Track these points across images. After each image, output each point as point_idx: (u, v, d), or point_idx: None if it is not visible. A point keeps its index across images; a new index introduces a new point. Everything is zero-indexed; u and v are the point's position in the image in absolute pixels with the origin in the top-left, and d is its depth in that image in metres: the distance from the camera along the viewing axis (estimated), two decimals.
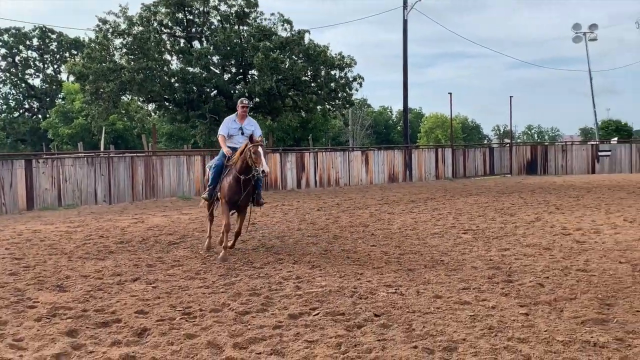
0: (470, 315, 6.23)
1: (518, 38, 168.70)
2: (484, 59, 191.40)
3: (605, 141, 39.74)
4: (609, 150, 34.80)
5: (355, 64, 32.92)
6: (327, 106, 34.89)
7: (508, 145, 37.54)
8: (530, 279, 7.87)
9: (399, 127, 78.53)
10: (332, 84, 32.63)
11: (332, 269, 8.80)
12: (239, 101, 10.32)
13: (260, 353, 5.25)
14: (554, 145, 38.10)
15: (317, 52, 31.65)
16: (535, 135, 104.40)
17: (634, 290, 7.22)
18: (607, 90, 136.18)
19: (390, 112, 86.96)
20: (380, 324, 6.00)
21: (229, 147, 10.05)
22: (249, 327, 5.99)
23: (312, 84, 33.13)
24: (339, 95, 33.49)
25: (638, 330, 5.68)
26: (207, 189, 10.27)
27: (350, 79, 33.13)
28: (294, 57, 32.01)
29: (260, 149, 9.27)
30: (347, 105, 36.58)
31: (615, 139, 41.82)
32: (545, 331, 5.67)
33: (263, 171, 9.21)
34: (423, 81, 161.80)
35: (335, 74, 32.87)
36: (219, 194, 10.01)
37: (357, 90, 34.03)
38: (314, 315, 6.36)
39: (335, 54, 32.61)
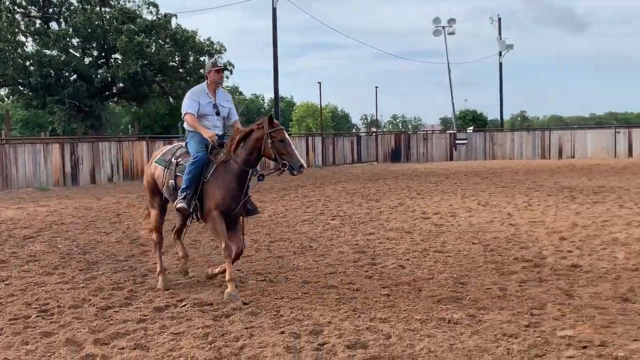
0: (336, 299, 6.42)
1: (384, 30, 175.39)
2: (353, 50, 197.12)
3: (462, 130, 42.37)
4: (465, 139, 37.15)
5: (225, 50, 32.66)
6: None
7: (374, 134, 38.93)
8: (392, 261, 8.24)
9: None
10: (202, 70, 31.99)
11: (201, 258, 8.69)
12: (210, 64, 7.52)
13: (123, 348, 5.08)
14: (416, 134, 40.07)
15: (185, 37, 30.95)
16: (400, 125, 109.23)
17: (485, 269, 7.78)
18: (464, 82, 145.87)
19: (262, 100, 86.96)
20: (248, 312, 6.01)
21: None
22: (111, 322, 5.77)
23: (180, 70, 32.38)
24: None
25: (488, 307, 6.13)
26: (183, 194, 6.77)
27: None
28: (160, 41, 31.05)
29: (287, 135, 6.78)
30: None
31: (471, 127, 44.71)
32: (404, 310, 5.97)
33: (301, 166, 6.62)
34: (294, 70, 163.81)
35: (204, 60, 32.34)
36: (197, 202, 6.87)
37: (227, 77, 33.79)
38: (181, 307, 6.25)
39: (204, 40, 32.08)
